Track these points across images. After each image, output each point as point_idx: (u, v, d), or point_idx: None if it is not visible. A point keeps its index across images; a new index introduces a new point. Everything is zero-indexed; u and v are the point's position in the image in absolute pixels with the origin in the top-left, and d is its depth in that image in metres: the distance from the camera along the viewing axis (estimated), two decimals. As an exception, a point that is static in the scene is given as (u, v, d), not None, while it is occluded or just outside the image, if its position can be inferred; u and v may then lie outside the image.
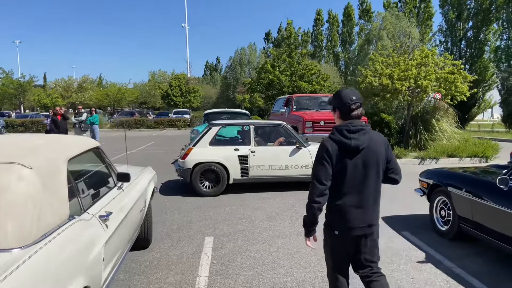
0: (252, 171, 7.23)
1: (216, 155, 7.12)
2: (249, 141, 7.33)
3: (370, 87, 12.87)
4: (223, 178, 7.11)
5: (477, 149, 11.99)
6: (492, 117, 53.51)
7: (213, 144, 7.25)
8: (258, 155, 7.21)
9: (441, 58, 12.97)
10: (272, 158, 7.27)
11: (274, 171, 7.29)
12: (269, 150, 7.43)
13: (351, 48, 47.22)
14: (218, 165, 7.10)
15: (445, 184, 4.85)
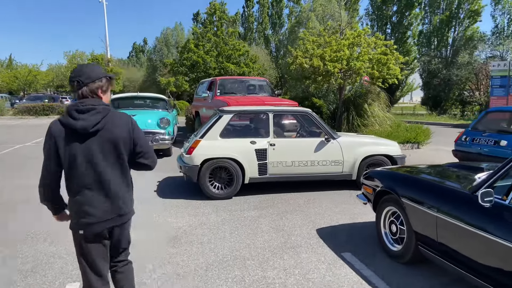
0: (272, 168, 6.09)
1: (229, 149, 5.94)
2: (267, 131, 6.15)
3: (301, 69, 11.80)
4: (237, 177, 5.95)
5: (409, 135, 11.54)
6: (411, 100, 56.57)
7: (224, 135, 6.07)
8: (278, 149, 6.07)
9: (372, 38, 12.22)
10: (295, 153, 6.16)
11: (298, 168, 6.17)
12: (292, 143, 6.33)
13: (281, 30, 46.51)
14: (232, 162, 5.93)
15: (398, 191, 3.74)
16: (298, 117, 6.75)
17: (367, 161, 6.39)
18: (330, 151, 6.25)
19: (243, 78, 12.86)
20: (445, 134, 14.42)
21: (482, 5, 26.90)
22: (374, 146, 6.50)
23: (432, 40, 29.08)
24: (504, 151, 6.69)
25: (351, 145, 6.34)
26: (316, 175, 6.30)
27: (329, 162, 6.26)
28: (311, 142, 6.28)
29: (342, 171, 6.34)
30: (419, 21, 30.92)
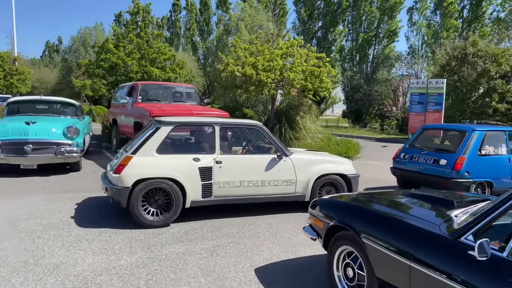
0: (218, 190, 5.32)
1: (168, 167, 5.04)
2: (213, 147, 5.38)
3: (232, 77, 11.08)
4: (176, 201, 5.04)
5: (340, 149, 11.35)
6: (333, 113, 59.18)
7: (162, 151, 5.17)
8: (226, 167, 5.33)
9: (305, 50, 11.94)
10: (245, 171, 5.45)
11: (247, 189, 5.46)
12: (241, 160, 5.59)
13: (209, 38, 45.71)
14: (171, 182, 5.02)
15: (355, 228, 3.09)
16: (246, 130, 6.00)
17: (321, 181, 5.85)
18: (283, 170, 5.62)
19: (169, 84, 11.77)
20: (371, 147, 14.67)
21: (399, 26, 28.79)
22: (328, 164, 5.97)
23: (354, 56, 30.40)
24: (444, 170, 6.56)
25: (304, 163, 5.78)
26: (267, 196, 5.63)
27: (281, 182, 5.61)
28: (262, 159, 5.60)
29: (295, 192, 5.74)
30: (343, 37, 32.26)
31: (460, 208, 2.97)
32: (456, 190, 6.38)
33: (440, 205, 3.15)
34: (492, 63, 17.39)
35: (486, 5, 25.57)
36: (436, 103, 16.94)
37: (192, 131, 6.24)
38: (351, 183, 5.99)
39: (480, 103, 17.41)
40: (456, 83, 17.98)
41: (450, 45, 19.47)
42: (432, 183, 6.91)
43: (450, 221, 2.67)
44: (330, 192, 6.00)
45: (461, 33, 26.16)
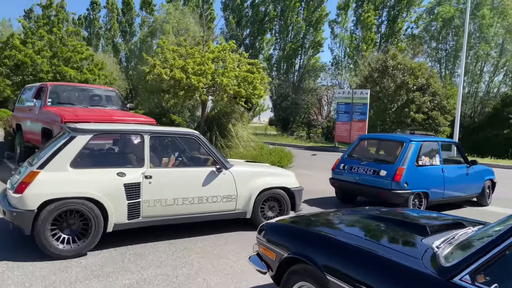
0: (147, 209, 4.56)
1: (85, 184, 4.22)
2: (141, 159, 4.64)
3: (159, 80, 10.18)
4: (97, 225, 4.21)
5: (273, 158, 10.98)
6: (259, 120, 59.81)
7: (78, 165, 4.32)
8: (157, 183, 4.60)
9: (237, 55, 11.45)
10: (179, 187, 4.76)
11: (182, 207, 4.78)
12: (175, 174, 4.88)
13: (132, 39, 43.43)
14: (89, 203, 4.18)
15: (316, 260, 2.56)
16: (180, 140, 5.31)
17: (263, 195, 5.33)
18: (222, 184, 5.02)
19: (86, 86, 10.47)
20: (301, 156, 14.60)
21: (324, 37, 29.84)
22: (271, 177, 5.45)
23: (282, 65, 30.82)
24: (383, 181, 6.41)
25: (246, 176, 5.24)
26: (204, 215, 5.00)
27: (221, 198, 5.01)
28: (199, 172, 4.96)
29: (235, 209, 5.16)
30: (270, 46, 32.59)
31: (436, 235, 2.59)
32: (395, 201, 6.39)
33: (411, 231, 2.75)
34: (410, 76, 18.52)
35: (401, 21, 27.52)
36: (361, 113, 17.55)
37: (116, 140, 5.33)
38: (295, 197, 5.55)
39: (399, 113, 18.40)
40: (378, 94, 18.85)
41: (372, 58, 20.42)
42: (372, 194, 6.84)
43: (433, 254, 2.26)
44: (273, 207, 5.50)
45: (379, 47, 27.81)
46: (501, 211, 7.60)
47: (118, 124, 5.75)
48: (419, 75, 18.64)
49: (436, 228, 2.73)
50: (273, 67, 31.15)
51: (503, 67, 23.16)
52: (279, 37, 31.50)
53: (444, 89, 19.49)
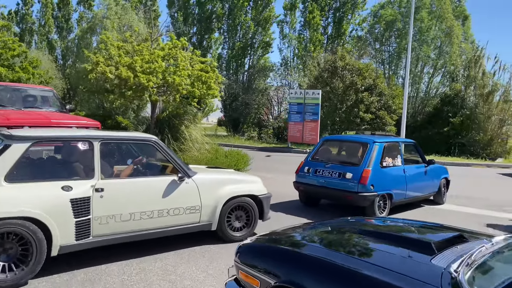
0: (99, 227, 4.01)
1: (24, 201, 3.55)
2: (91, 169, 4.07)
3: (104, 79, 9.33)
4: (38, 249, 3.58)
5: (229, 161, 10.54)
6: (207, 121, 58.90)
7: (14, 178, 3.66)
8: (109, 196, 4.06)
9: (188, 53, 10.84)
10: (136, 200, 4.25)
11: (139, 222, 4.26)
12: (131, 185, 4.33)
13: (69, 36, 40.73)
14: (28, 223, 3.54)
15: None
16: (136, 146, 4.84)
17: (230, 205, 4.91)
18: (185, 194, 4.54)
19: (19, 85, 9.34)
20: (256, 158, 14.25)
21: (273, 37, 29.80)
22: (237, 185, 5.02)
23: (231, 65, 30.38)
24: (349, 184, 6.23)
25: (211, 185, 4.81)
26: (165, 230, 4.46)
27: (184, 210, 4.53)
28: (159, 182, 4.44)
29: (200, 221, 4.70)
30: (219, 45, 32.00)
31: (444, 252, 2.30)
32: (362, 204, 6.28)
33: (414, 248, 2.44)
34: (358, 76, 18.91)
35: (346, 23, 28.18)
36: (313, 113, 17.59)
37: (60, 148, 4.68)
38: (263, 205, 5.18)
39: (349, 113, 18.72)
40: (329, 94, 19.04)
41: (321, 58, 20.62)
42: (337, 198, 6.66)
43: (454, 281, 1.94)
44: (241, 217, 5.08)
45: (326, 48, 28.29)
46: (457, 209, 7.75)
47: (62, 130, 5.02)
48: (367, 75, 19.12)
49: (440, 243, 2.45)
50: (222, 67, 30.60)
51: (441, 68, 24.51)
52: (227, 36, 30.98)
53: (389, 89, 20.17)
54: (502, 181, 11.60)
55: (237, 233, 4.99)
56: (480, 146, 18.35)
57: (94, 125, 7.88)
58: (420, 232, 2.91)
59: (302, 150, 17.07)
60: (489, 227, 6.46)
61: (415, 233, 2.84)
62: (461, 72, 22.82)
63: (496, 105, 18.49)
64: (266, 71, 29.20)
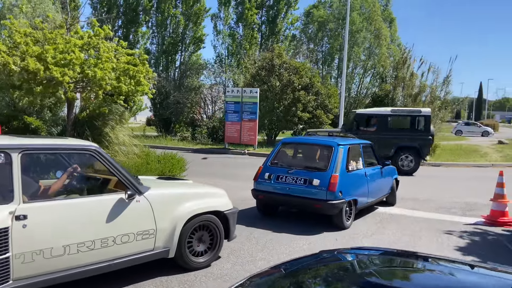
0: (22, 267, 3.01)
1: None
2: (8, 190, 3.04)
3: (8, 72, 7.67)
4: None
5: (163, 167, 9.40)
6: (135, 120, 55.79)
7: None
8: (36, 225, 3.09)
9: (113, 44, 9.43)
10: (71, 228, 3.30)
11: (76, 256, 3.30)
12: (62, 208, 3.35)
13: (-28, 25, 35.87)
14: None
15: None
16: (70, 157, 3.87)
17: (191, 225, 4.10)
18: (136, 216, 3.72)
19: None
20: (192, 161, 13.16)
21: (205, 33, 28.64)
22: (198, 200, 4.23)
23: (161, 61, 28.70)
24: (317, 191, 5.65)
25: (167, 202, 3.99)
26: (111, 264, 3.58)
27: (134, 236, 3.69)
28: (101, 203, 3.58)
29: (154, 248, 3.86)
30: (147, 39, 30.06)
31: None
32: (330, 213, 5.73)
33: None
34: (295, 75, 18.58)
35: (280, 22, 27.93)
36: (251, 112, 16.88)
37: None
38: (229, 222, 4.45)
39: (287, 112, 18.30)
40: (266, 92, 18.46)
41: (258, 56, 19.98)
42: (304, 206, 6.03)
43: None
44: (204, 239, 4.27)
45: (261, 46, 27.83)
46: (409, 213, 7.43)
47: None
48: (303, 74, 18.87)
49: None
50: (151, 63, 28.76)
51: (371, 69, 25.28)
52: (156, 31, 29.18)
53: (325, 88, 20.16)
54: (436, 180, 11.81)
55: (200, 259, 4.24)
56: (409, 144, 19.03)
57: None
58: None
59: (240, 151, 16.27)
60: (447, 233, 6.16)
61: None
62: (390, 73, 23.67)
63: (423, 105, 19.29)
64: (199, 68, 27.98)
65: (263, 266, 4.05)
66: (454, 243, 5.71)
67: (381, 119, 12.68)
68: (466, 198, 8.79)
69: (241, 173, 11.24)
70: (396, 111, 13.04)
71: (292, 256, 4.26)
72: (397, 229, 6.29)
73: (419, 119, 12.44)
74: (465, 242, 5.78)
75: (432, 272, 2.17)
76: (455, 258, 2.61)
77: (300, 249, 5.11)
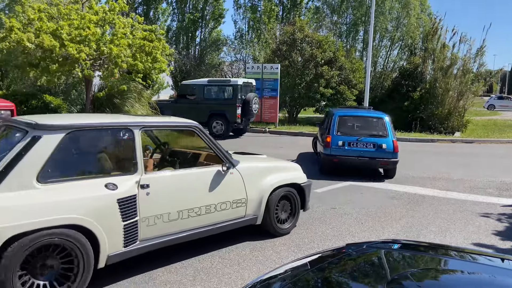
0: (147, 230, 3.47)
1: (64, 206, 2.98)
2: (133, 162, 3.48)
3: (22, 49, 7.53)
4: (85, 261, 3.03)
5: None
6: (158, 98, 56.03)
7: (48, 177, 3.04)
8: (156, 193, 3.51)
9: (129, 19, 9.14)
10: (183, 196, 3.72)
11: (187, 221, 3.75)
12: (176, 178, 3.79)
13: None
14: (72, 232, 2.96)
15: None
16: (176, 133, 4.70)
17: (276, 195, 4.55)
18: (231, 186, 4.14)
19: None
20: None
21: (225, 8, 27.97)
22: (280, 173, 4.66)
23: (182, 38, 28.32)
24: (386, 153, 7.59)
25: (255, 174, 4.43)
26: (211, 228, 4.04)
27: (230, 204, 4.14)
28: (204, 174, 3.99)
29: (245, 215, 4.34)
30: (167, 17, 29.66)
31: None
32: (391, 167, 7.78)
33: None
34: (318, 49, 17.88)
35: (302, -7, 26.87)
36: (271, 89, 16.44)
37: (96, 139, 3.75)
38: (305, 194, 4.89)
39: (309, 88, 17.73)
40: (288, 68, 17.89)
41: (278, 30, 19.31)
42: (373, 165, 7.89)
43: None
44: (284, 208, 4.69)
45: (281, 20, 26.97)
46: (442, 195, 6.99)
47: (98, 116, 4.26)
48: (326, 48, 18.12)
49: None
50: (172, 40, 28.43)
51: (399, 41, 24.12)
52: (176, 7, 28.73)
53: (350, 63, 19.34)
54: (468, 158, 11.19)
55: (284, 225, 4.72)
56: (439, 120, 18.17)
57: (5, 107, 6.26)
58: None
59: (261, 129, 15.92)
60: (483, 216, 5.72)
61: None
62: (419, 45, 22.51)
63: (454, 78, 18.28)
64: (219, 44, 27.47)
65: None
66: (492, 227, 5.28)
67: (198, 89, 13.71)
68: (501, 177, 8.24)
69: (264, 152, 10.95)
70: (211, 81, 14.26)
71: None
72: (428, 212, 5.89)
73: (228, 89, 13.47)
74: (503, 226, 5.34)
75: (471, 274, 1.82)
76: (502, 255, 2.24)
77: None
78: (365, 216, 5.58)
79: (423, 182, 7.79)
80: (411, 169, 8.76)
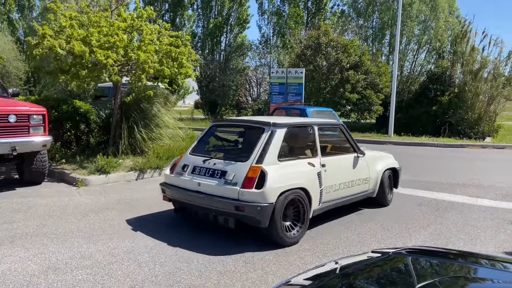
0: (325, 196, 5.02)
1: (295, 175, 4.62)
2: (315, 149, 5.11)
3: (54, 56, 7.80)
4: (306, 211, 4.66)
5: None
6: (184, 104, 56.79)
7: (282, 157, 4.71)
8: (329, 170, 5.09)
9: (156, 26, 9.32)
10: (341, 173, 5.37)
11: (341, 191, 5.35)
12: (338, 161, 5.47)
13: (32, 15, 37.85)
14: (302, 192, 4.60)
15: None
16: (329, 129, 6.24)
17: (385, 175, 6.17)
18: (362, 168, 5.74)
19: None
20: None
21: (250, 14, 28.17)
22: (385, 160, 6.37)
23: (207, 44, 28.68)
24: None
25: (373, 160, 6.04)
26: (351, 197, 5.56)
27: (362, 181, 5.71)
28: (350, 159, 5.61)
29: (368, 189, 5.91)
30: (192, 23, 30.14)
31: None
32: None
33: None
34: (343, 53, 17.72)
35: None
36: (296, 93, 16.38)
37: (296, 132, 5.33)
38: (398, 175, 6.52)
39: (334, 93, 17.58)
40: (312, 73, 17.82)
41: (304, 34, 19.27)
42: None
43: None
44: (389, 185, 6.31)
45: (306, 25, 26.91)
46: (472, 201, 6.77)
47: (292, 118, 6.46)
48: (352, 52, 17.94)
49: None
50: (198, 46, 28.85)
51: (426, 45, 23.60)
52: (201, 13, 29.17)
53: (376, 67, 19.06)
54: (500, 164, 10.79)
55: (389, 197, 6.30)
56: (468, 125, 17.63)
57: (38, 112, 6.49)
58: None
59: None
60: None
61: None
62: (447, 48, 21.97)
63: (484, 82, 17.72)
64: (244, 49, 27.66)
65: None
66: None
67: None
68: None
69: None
70: None
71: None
72: (457, 219, 5.71)
73: None
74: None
75: (502, 283, 1.74)
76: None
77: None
78: (391, 222, 5.46)
79: (452, 188, 7.56)
80: (440, 175, 8.53)
